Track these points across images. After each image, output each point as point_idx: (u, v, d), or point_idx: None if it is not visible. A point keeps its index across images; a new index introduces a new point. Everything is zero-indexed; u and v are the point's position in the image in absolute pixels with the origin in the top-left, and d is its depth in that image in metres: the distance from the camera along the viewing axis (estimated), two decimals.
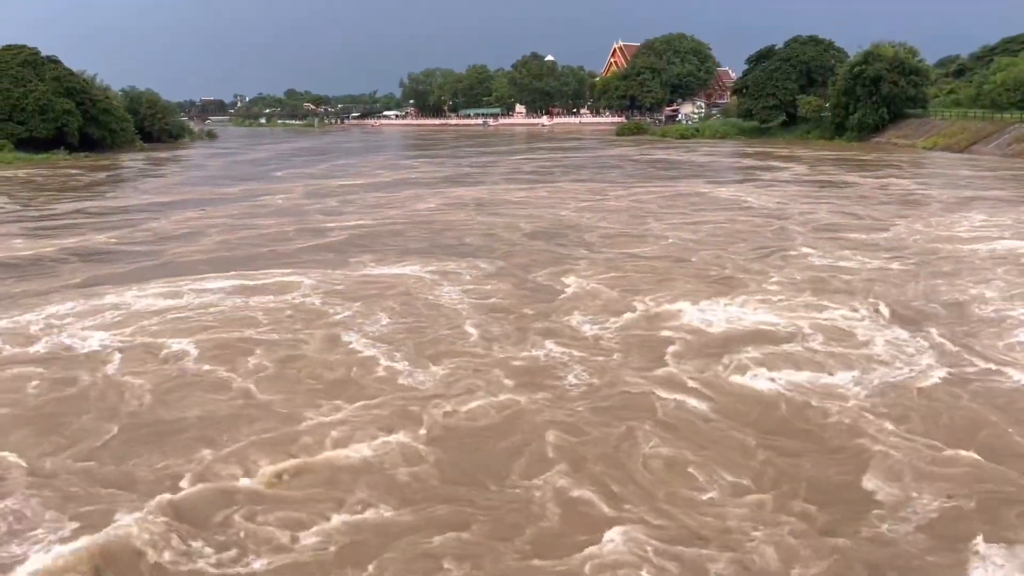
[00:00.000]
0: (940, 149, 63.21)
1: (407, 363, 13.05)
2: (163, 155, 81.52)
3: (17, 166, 63.78)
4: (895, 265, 20.19)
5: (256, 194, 41.88)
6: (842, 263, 20.60)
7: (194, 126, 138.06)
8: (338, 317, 15.91)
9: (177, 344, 14.13)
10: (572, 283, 18.81)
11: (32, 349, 14.12)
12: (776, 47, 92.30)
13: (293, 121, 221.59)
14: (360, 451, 9.86)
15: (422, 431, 10.43)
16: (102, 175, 57.05)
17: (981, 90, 76.73)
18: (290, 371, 12.85)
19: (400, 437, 10.21)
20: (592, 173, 52.28)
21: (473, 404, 11.32)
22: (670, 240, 25.21)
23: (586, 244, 24.46)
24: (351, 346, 14.07)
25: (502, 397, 11.59)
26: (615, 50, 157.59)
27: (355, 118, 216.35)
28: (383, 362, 13.13)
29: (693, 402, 11.29)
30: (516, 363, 13.00)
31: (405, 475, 9.25)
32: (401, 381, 12.29)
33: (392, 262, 21.86)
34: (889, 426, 10.28)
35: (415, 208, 34.97)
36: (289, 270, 20.75)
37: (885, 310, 15.76)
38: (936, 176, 45.12)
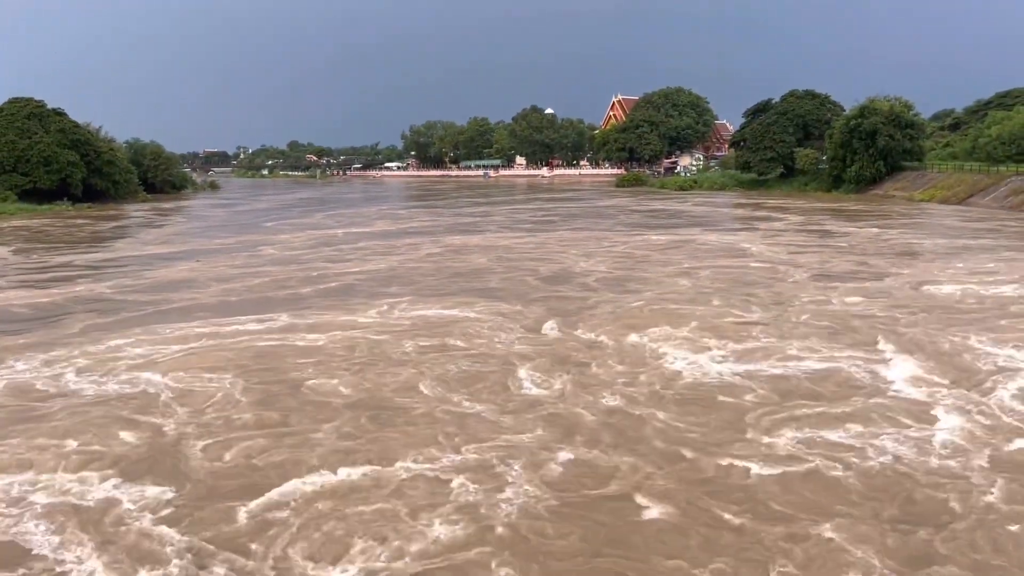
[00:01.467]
0: (938, 201, 63.63)
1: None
2: (167, 206, 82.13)
3: (20, 216, 64.20)
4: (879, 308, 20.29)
5: (255, 244, 42.02)
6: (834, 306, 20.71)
7: (197, 177, 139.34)
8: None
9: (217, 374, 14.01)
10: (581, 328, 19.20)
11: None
12: (773, 101, 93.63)
13: (295, 172, 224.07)
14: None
15: None
16: (109, 224, 57.49)
17: (977, 143, 77.55)
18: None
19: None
20: (593, 222, 53.09)
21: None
22: (675, 284, 25.85)
23: (593, 287, 24.48)
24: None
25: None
26: (614, 103, 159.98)
27: (357, 169, 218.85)
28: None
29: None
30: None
31: None
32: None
33: (423, 304, 22.81)
34: None
35: (425, 253, 35.67)
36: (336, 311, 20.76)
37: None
38: (935, 228, 45.31)
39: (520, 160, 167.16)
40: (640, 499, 10.06)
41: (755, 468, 10.86)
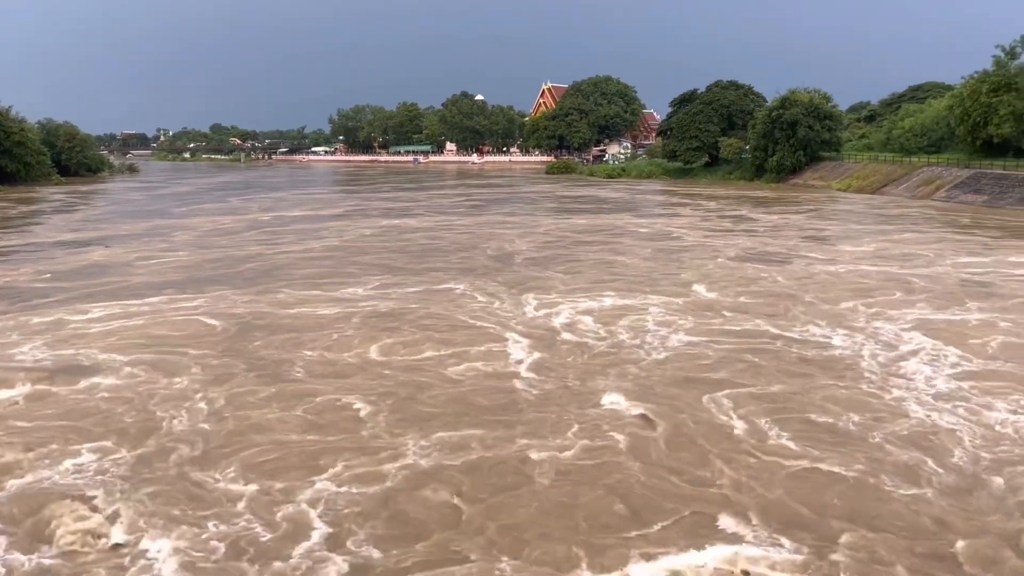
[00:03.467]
0: (854, 191, 65.88)
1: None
2: (83, 189, 78.98)
3: None
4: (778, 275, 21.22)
5: (174, 229, 40.93)
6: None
7: (114, 160, 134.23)
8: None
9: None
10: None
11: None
12: (698, 91, 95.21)
13: (219, 156, 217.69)
14: None
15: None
16: (19, 208, 54.95)
17: (891, 135, 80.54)
18: None
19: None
20: (525, 207, 54.13)
21: None
22: (600, 259, 27.62)
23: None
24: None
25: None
26: (544, 91, 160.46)
27: (283, 153, 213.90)
28: None
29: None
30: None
31: None
32: None
33: (357, 283, 22.86)
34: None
35: (359, 235, 35.70)
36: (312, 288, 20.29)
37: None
38: (847, 216, 47.04)
39: (450, 146, 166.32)
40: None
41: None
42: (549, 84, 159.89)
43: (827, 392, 14.05)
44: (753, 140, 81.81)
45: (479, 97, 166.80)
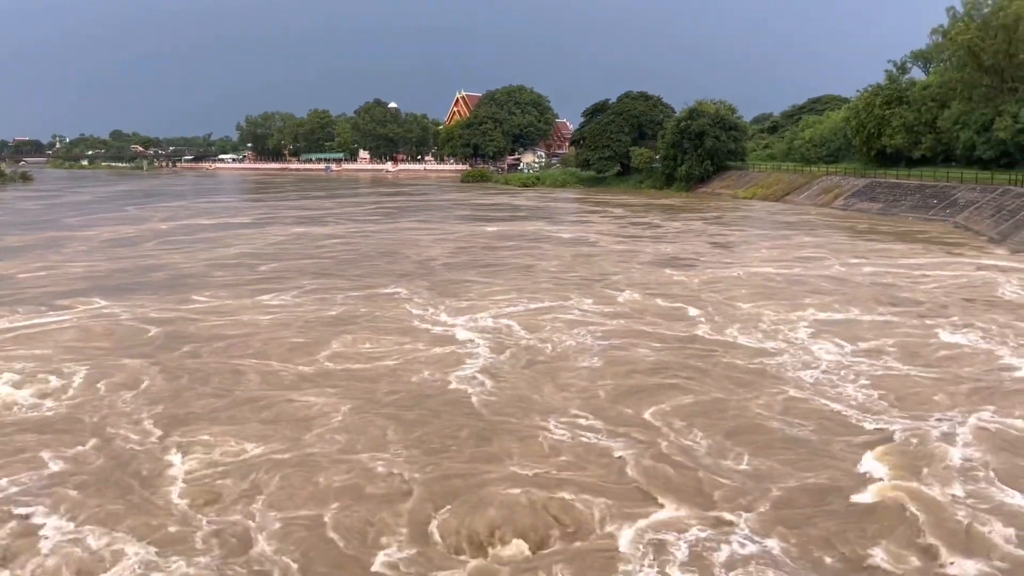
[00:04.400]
0: (759, 199, 68.15)
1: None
2: None
3: None
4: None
5: (64, 240, 39.05)
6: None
7: (6, 168, 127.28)
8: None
9: None
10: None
11: None
12: (609, 101, 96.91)
13: (120, 164, 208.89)
14: None
15: None
16: None
17: (792, 145, 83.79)
18: None
19: None
20: (442, 215, 54.21)
21: None
22: (521, 265, 27.93)
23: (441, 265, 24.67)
24: None
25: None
26: (458, 99, 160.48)
27: (188, 161, 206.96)
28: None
29: None
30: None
31: None
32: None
33: (273, 290, 21.98)
34: None
35: (270, 243, 34.82)
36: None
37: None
38: (750, 222, 48.67)
39: (364, 154, 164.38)
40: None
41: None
42: (463, 93, 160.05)
43: (744, 390, 14.49)
44: (663, 150, 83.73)
45: (393, 105, 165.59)
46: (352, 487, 10.52)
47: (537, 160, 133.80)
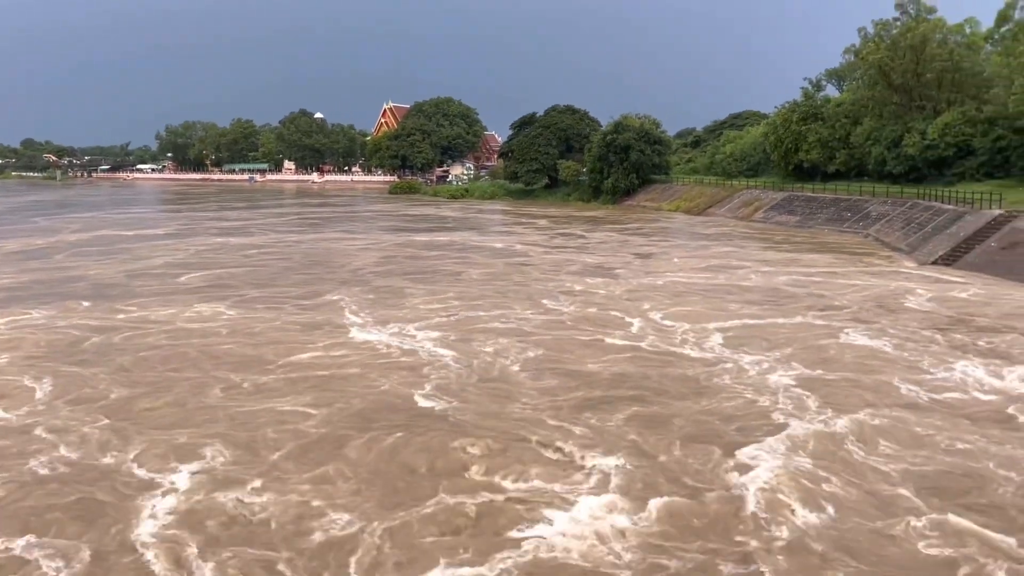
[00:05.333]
0: (682, 212, 69.52)
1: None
2: None
3: None
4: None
5: None
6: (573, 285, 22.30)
7: None
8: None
9: None
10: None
11: None
12: (537, 114, 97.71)
13: (31, 173, 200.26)
14: None
15: None
16: None
17: (714, 159, 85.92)
18: None
19: None
20: (370, 225, 53.53)
21: None
22: (451, 274, 27.16)
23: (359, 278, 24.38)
24: None
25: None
26: (385, 110, 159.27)
27: (105, 171, 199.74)
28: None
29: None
30: None
31: None
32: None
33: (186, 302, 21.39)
34: None
35: (192, 253, 33.68)
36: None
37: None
38: (672, 234, 49.65)
39: (289, 165, 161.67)
40: None
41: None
42: (391, 104, 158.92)
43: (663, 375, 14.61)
44: (590, 163, 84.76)
45: (319, 115, 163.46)
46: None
47: (466, 172, 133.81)
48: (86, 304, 23.46)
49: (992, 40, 57.36)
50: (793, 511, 10.12)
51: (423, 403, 14.38)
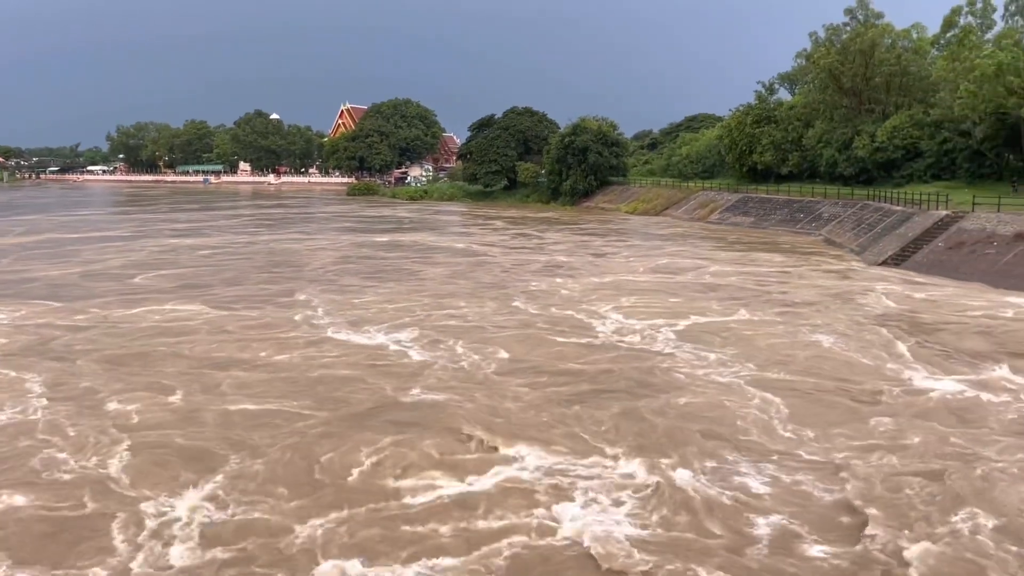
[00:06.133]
0: (640, 213, 70.14)
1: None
2: None
3: None
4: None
5: None
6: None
7: None
8: None
9: None
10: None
11: None
12: (496, 116, 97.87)
13: None
14: None
15: None
16: None
17: (671, 161, 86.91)
18: None
19: None
20: (328, 227, 52.89)
21: None
22: (407, 271, 26.83)
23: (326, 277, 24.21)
24: None
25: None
26: (343, 112, 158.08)
27: (54, 173, 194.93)
28: None
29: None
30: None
31: None
32: None
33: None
34: None
35: (144, 256, 33.07)
36: None
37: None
38: (629, 235, 50.11)
39: (244, 166, 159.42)
40: None
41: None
42: (348, 105, 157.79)
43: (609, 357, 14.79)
44: (548, 165, 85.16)
45: (275, 116, 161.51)
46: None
47: (425, 174, 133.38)
48: (41, 304, 23.17)
49: (938, 45, 58.95)
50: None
51: (402, 398, 14.40)
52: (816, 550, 9.21)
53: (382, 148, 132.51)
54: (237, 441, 12.44)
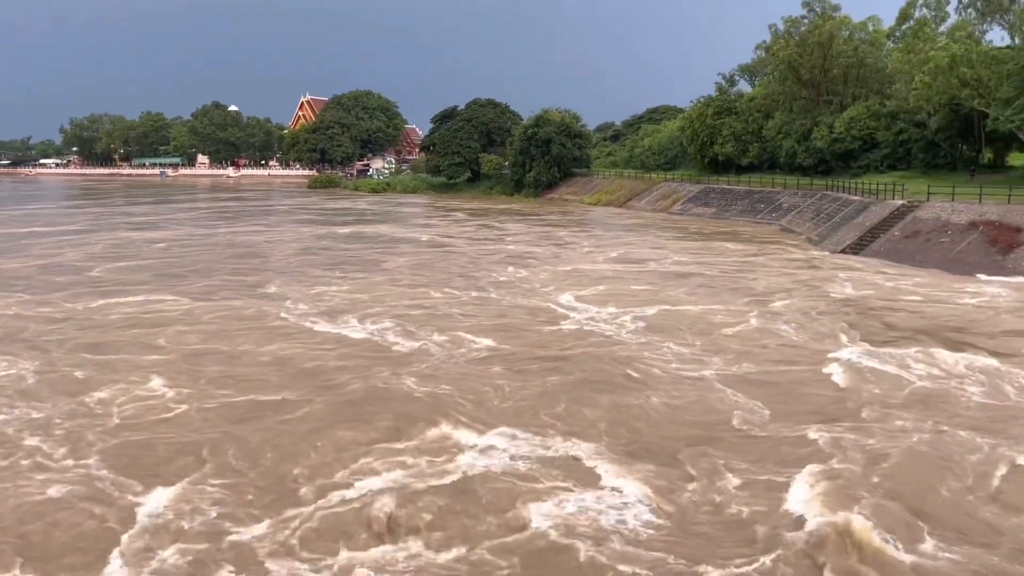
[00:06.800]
0: (603, 204, 70.42)
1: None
2: None
3: None
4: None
5: None
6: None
7: None
8: None
9: None
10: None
11: None
12: (458, 108, 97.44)
13: None
14: None
15: None
16: None
17: (633, 153, 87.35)
18: None
19: None
20: (288, 220, 52.10)
21: None
22: (375, 261, 26.49)
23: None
24: None
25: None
26: (303, 103, 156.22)
27: (4, 166, 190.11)
28: None
29: None
30: None
31: None
32: None
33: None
34: None
35: (100, 250, 32.42)
36: None
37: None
38: (597, 225, 50.33)
39: (203, 159, 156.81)
40: None
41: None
42: (308, 97, 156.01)
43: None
44: (511, 157, 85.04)
45: (233, 108, 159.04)
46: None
47: (387, 166, 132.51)
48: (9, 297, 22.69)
49: (893, 37, 59.96)
50: None
51: (394, 385, 14.31)
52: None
53: (343, 140, 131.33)
54: (223, 433, 12.30)
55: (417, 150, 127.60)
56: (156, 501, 9.99)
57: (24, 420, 12.86)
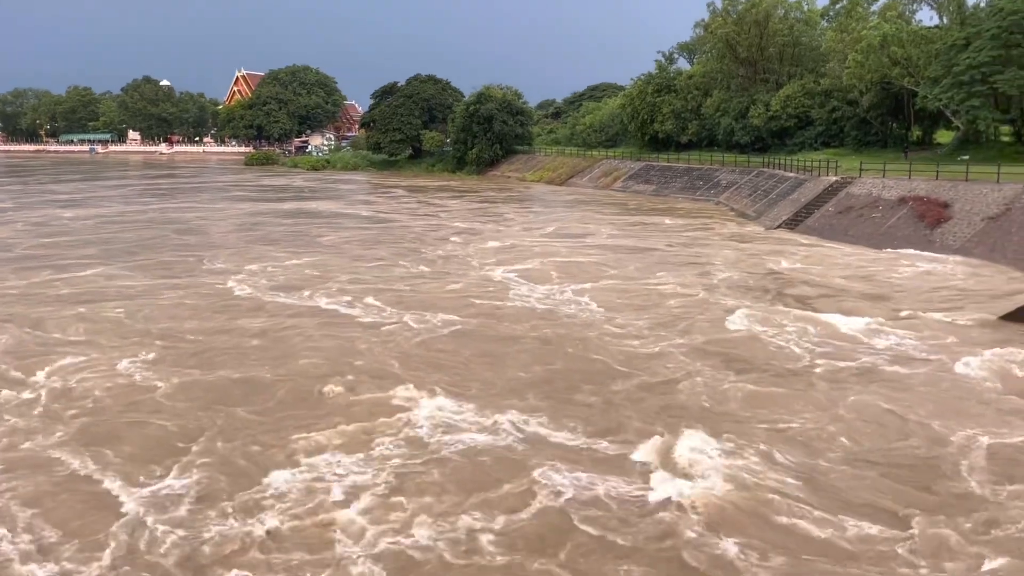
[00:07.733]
0: (545, 182, 70.57)
1: None
2: None
3: None
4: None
5: None
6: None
7: None
8: None
9: None
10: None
11: None
12: (399, 84, 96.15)
13: None
14: None
15: None
16: None
17: (575, 130, 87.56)
18: None
19: None
20: (225, 197, 51.02)
21: None
22: (314, 238, 26.00)
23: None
24: None
25: None
26: (238, 78, 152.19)
27: None
28: None
29: None
30: None
31: None
32: None
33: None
34: None
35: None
36: None
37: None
38: (539, 201, 50.50)
39: (134, 135, 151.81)
40: None
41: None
42: (243, 72, 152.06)
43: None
44: (453, 134, 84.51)
45: (165, 82, 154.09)
46: None
47: (327, 143, 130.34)
48: None
49: (827, 16, 61.20)
50: None
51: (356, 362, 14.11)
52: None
53: (281, 116, 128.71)
54: (199, 411, 12.04)
55: (357, 127, 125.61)
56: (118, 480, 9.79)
57: None
